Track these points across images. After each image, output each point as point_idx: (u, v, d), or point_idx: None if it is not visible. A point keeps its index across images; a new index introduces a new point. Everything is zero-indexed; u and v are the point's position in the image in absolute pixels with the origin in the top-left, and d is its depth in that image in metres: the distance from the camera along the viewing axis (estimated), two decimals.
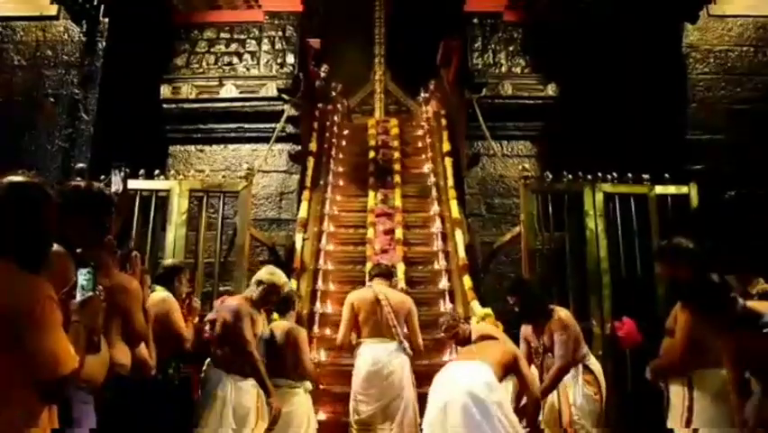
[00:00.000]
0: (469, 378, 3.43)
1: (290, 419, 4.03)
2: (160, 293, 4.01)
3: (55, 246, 2.16)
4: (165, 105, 7.21)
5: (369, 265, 6.18)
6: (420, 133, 9.59)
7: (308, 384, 4.29)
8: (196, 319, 4.33)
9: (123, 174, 5.19)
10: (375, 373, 4.38)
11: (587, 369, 4.12)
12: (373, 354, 4.45)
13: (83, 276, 1.95)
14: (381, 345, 4.49)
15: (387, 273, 4.93)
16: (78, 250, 2.28)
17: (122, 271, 2.86)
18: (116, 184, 5.03)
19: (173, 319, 3.91)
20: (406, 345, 4.57)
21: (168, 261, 4.55)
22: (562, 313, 4.13)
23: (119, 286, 2.63)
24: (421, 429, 3.76)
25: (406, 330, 4.68)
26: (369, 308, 4.59)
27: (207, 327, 4.17)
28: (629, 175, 5.78)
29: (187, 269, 4.38)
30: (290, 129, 7.34)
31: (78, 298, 1.92)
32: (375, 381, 4.36)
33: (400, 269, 6.51)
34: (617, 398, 5.01)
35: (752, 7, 6.75)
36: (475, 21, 7.85)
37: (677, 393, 2.97)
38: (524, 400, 3.98)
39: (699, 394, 2.83)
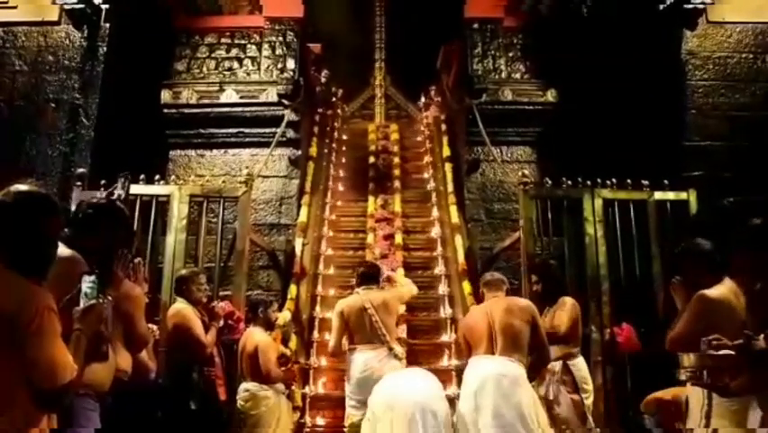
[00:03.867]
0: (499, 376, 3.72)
1: (259, 420, 4.31)
2: (177, 304, 4.18)
3: (68, 251, 2.20)
4: (165, 110, 7.22)
5: None
6: (420, 138, 9.62)
7: (280, 387, 4.52)
8: (220, 324, 4.43)
9: (127, 183, 5.23)
10: (365, 379, 4.40)
11: (566, 369, 4.18)
12: (364, 361, 4.49)
13: (87, 284, 1.96)
14: (372, 351, 4.52)
15: (371, 276, 4.91)
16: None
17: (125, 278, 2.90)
18: (119, 191, 5.07)
19: (189, 328, 4.09)
20: (398, 350, 4.60)
21: (181, 271, 4.65)
22: (569, 300, 4.42)
23: (122, 293, 2.66)
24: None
25: (399, 332, 4.76)
26: (357, 315, 4.62)
27: None
28: (628, 181, 5.79)
29: (197, 275, 4.45)
30: (290, 134, 7.34)
31: (81, 305, 1.94)
32: (366, 386, 4.38)
33: (400, 273, 6.51)
34: (616, 403, 5.03)
35: (751, 14, 6.78)
36: (475, 26, 7.88)
37: (695, 400, 2.96)
38: None
39: (718, 401, 2.81)
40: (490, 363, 3.91)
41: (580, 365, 4.31)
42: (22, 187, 1.85)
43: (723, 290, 2.98)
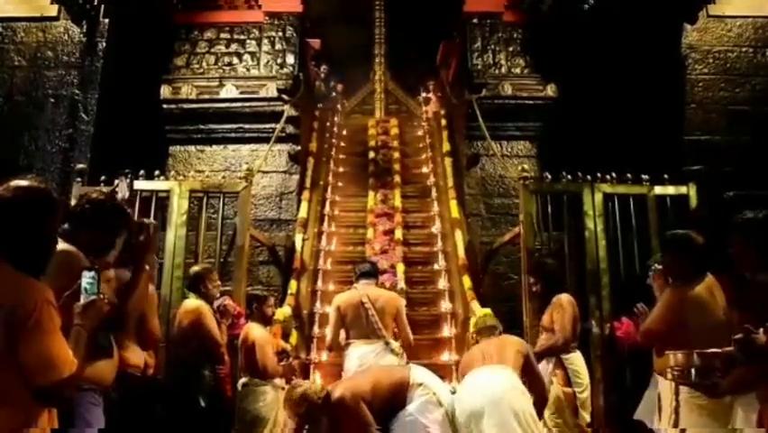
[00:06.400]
0: (501, 385, 3.46)
1: (257, 415, 4.28)
2: (192, 301, 4.17)
3: (67, 246, 2.20)
4: (165, 106, 7.20)
5: None
6: (420, 133, 9.62)
7: (278, 382, 4.49)
8: (229, 321, 4.43)
9: (129, 181, 5.23)
10: None
11: (560, 363, 4.24)
12: (359, 355, 4.50)
13: (87, 280, 1.96)
14: (368, 346, 4.53)
15: (371, 272, 4.93)
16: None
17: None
18: (123, 191, 5.08)
19: (206, 326, 4.08)
20: (394, 344, 4.60)
21: (193, 267, 4.59)
22: (564, 298, 4.38)
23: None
24: None
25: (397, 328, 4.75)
26: (354, 310, 4.63)
27: None
28: (628, 175, 5.79)
29: (211, 272, 4.43)
30: (290, 129, 7.33)
31: (81, 301, 1.94)
32: None
33: (400, 269, 6.53)
34: (615, 397, 5.04)
35: (751, 8, 6.77)
36: (475, 21, 7.85)
37: (665, 395, 2.99)
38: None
39: (685, 397, 2.83)
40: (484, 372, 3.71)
41: (573, 359, 4.31)
42: (22, 182, 1.84)
43: (697, 286, 2.99)
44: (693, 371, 2.44)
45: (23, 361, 1.67)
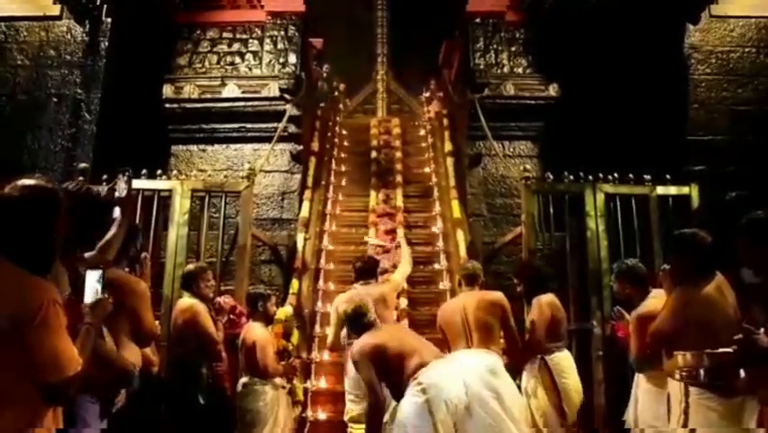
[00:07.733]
0: (478, 367, 3.71)
1: (257, 415, 4.29)
2: (186, 300, 4.18)
3: None
4: (167, 105, 7.22)
5: None
6: (422, 132, 9.62)
7: (278, 381, 4.50)
8: (225, 318, 4.44)
9: (127, 178, 5.21)
10: None
11: (544, 364, 4.23)
12: None
13: (93, 279, 1.97)
14: None
15: (369, 271, 4.97)
16: (88, 253, 2.34)
17: (131, 272, 2.93)
18: (121, 189, 5.07)
19: (201, 324, 4.09)
20: None
21: (187, 266, 4.61)
22: (543, 299, 4.37)
23: (128, 288, 2.70)
24: None
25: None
26: None
27: None
28: (630, 176, 5.80)
29: (205, 271, 4.41)
30: (292, 129, 7.34)
31: (89, 300, 1.95)
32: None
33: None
34: (616, 398, 5.04)
35: (754, 8, 6.76)
36: (477, 21, 7.84)
37: (675, 396, 2.98)
38: None
39: (695, 398, 2.83)
40: (468, 355, 3.96)
41: (557, 359, 4.29)
42: (28, 181, 1.84)
43: (706, 286, 2.95)
44: (702, 371, 2.43)
45: (31, 359, 1.68)
